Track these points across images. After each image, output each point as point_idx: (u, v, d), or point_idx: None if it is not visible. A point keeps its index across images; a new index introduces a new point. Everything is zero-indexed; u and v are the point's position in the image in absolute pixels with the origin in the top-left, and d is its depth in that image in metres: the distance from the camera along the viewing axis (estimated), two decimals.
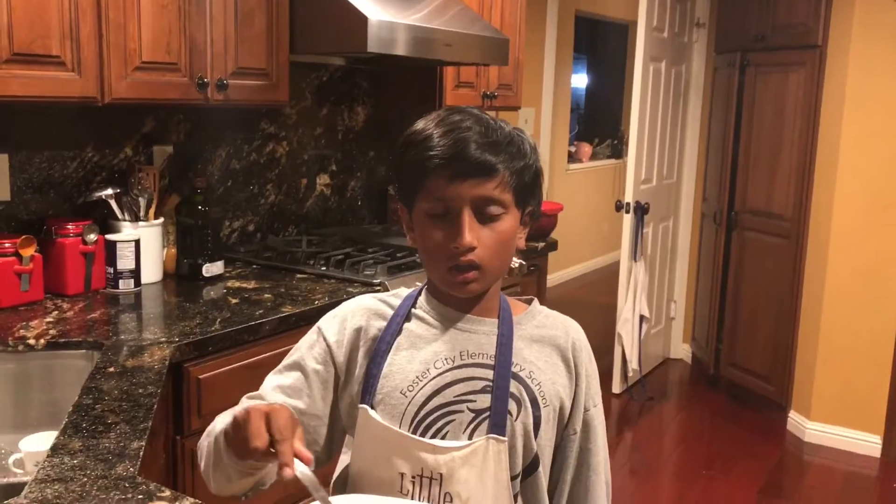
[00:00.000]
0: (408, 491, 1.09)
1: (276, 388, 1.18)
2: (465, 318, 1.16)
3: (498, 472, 1.08)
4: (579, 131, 8.00)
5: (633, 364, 4.32)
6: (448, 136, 1.07)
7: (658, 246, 4.66)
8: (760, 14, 4.11)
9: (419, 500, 1.08)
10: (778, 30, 4.00)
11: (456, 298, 1.16)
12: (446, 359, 1.13)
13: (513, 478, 1.11)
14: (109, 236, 2.27)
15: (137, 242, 2.29)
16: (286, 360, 1.22)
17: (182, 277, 2.44)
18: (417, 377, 1.12)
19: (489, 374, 1.12)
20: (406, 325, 1.17)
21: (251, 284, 2.40)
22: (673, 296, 4.98)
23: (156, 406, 1.46)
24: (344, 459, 1.24)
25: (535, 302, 1.24)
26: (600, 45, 8.36)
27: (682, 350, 5.03)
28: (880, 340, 3.62)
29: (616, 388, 4.33)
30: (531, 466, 1.13)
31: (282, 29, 2.47)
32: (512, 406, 1.10)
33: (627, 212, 4.22)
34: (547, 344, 1.18)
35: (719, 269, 4.48)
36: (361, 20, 2.33)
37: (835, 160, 3.66)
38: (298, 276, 2.51)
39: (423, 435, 1.10)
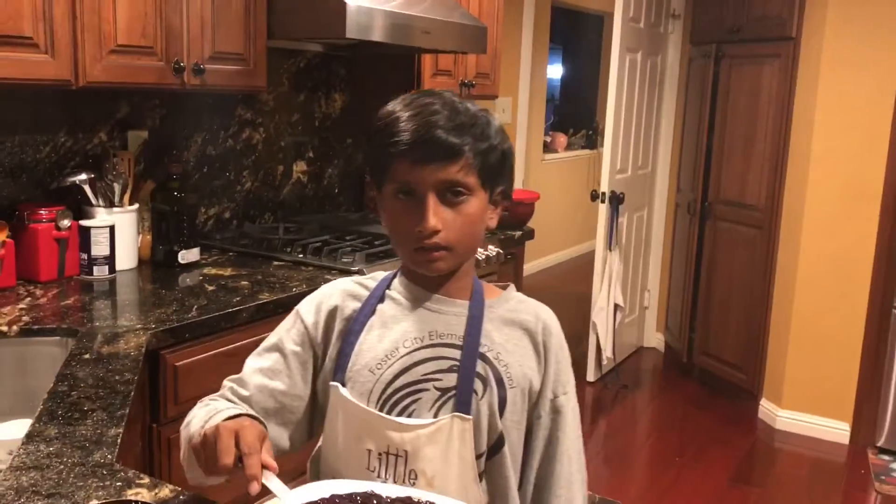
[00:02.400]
0: (374, 468, 1.11)
1: (255, 371, 1.20)
2: (435, 298, 1.18)
3: (462, 450, 1.09)
4: (554, 122, 8.01)
5: (607, 352, 4.35)
6: (413, 120, 1.08)
7: (632, 235, 4.69)
8: (736, 6, 4.14)
9: (385, 476, 1.10)
10: (753, 22, 4.03)
11: (427, 279, 1.18)
12: (415, 338, 1.15)
13: (478, 456, 1.12)
14: (83, 222, 2.24)
15: (112, 228, 2.26)
16: (265, 343, 1.24)
17: (157, 264, 2.41)
18: (386, 355, 1.14)
19: (457, 353, 1.13)
20: (379, 305, 1.19)
21: (228, 272, 2.38)
22: (647, 285, 5.02)
23: (133, 393, 1.45)
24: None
25: (511, 287, 1.25)
26: (576, 35, 8.37)
27: (655, 339, 5.08)
28: (850, 329, 3.67)
29: (590, 376, 4.36)
30: (496, 446, 1.14)
31: (259, 13, 2.45)
32: (478, 385, 1.12)
33: (603, 201, 4.24)
34: (517, 327, 1.19)
35: (693, 259, 4.52)
36: (340, 5, 2.31)
37: (807, 151, 3.71)
38: (275, 263, 2.49)
39: (389, 412, 1.12)
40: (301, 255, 2.53)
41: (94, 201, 2.31)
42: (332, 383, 1.14)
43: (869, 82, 3.52)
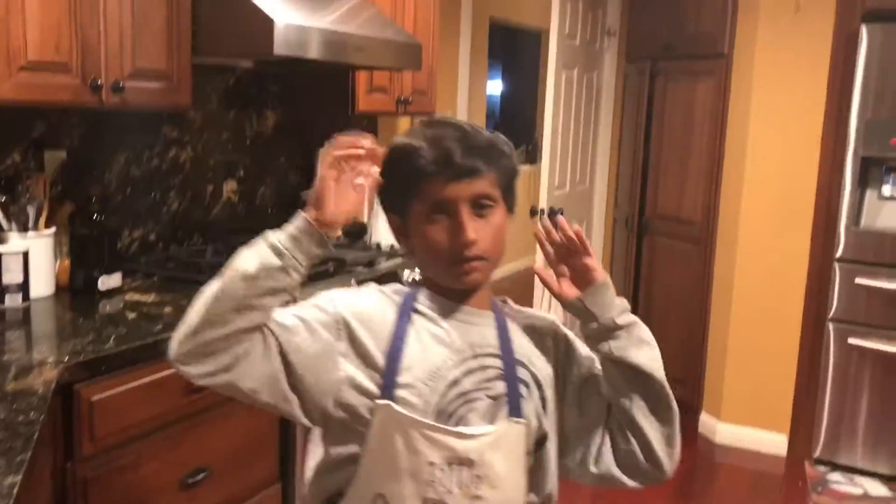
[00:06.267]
0: (437, 478, 1.16)
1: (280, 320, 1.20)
2: (465, 310, 1.25)
3: (518, 451, 1.20)
4: None
5: None
6: (436, 146, 1.18)
7: None
8: (669, 23, 4.18)
9: (450, 484, 1.16)
10: (686, 39, 4.08)
11: (454, 292, 1.24)
12: (458, 350, 1.21)
13: (526, 453, 1.22)
14: None
15: (26, 254, 2.14)
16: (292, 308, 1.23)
17: (76, 291, 2.29)
18: (436, 369, 1.19)
19: (498, 362, 1.22)
20: (415, 318, 1.23)
21: (151, 298, 2.27)
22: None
23: (37, 435, 1.35)
24: (315, 451, 1.28)
25: (508, 301, 1.34)
26: (515, 52, 8.41)
27: None
28: (786, 342, 3.72)
29: None
30: (540, 441, 1.25)
31: (183, 29, 2.35)
32: (523, 389, 1.22)
33: (542, 216, 4.22)
34: (535, 332, 1.29)
35: (631, 274, 4.54)
36: (268, 22, 2.24)
37: (741, 166, 3.75)
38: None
39: (446, 423, 1.18)
40: None
41: (6, 226, 2.18)
42: (382, 402, 1.16)
43: (799, 98, 3.58)
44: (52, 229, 2.27)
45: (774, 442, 3.78)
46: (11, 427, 1.37)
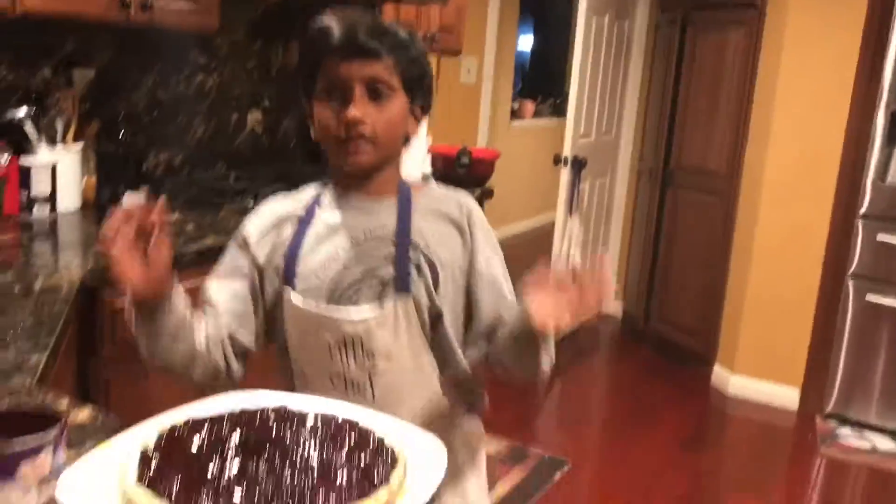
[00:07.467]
0: (335, 355, 1.24)
1: (213, 281, 1.33)
2: (363, 199, 1.28)
3: (409, 327, 1.23)
4: (523, 90, 7.96)
5: None
6: (342, 22, 1.19)
7: (594, 202, 4.68)
8: None
9: (347, 360, 1.23)
10: None
11: (354, 182, 1.27)
12: (352, 238, 1.26)
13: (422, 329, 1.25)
14: (23, 159, 2.16)
15: (54, 167, 2.19)
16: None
17: (101, 207, 2.34)
18: (328, 258, 1.26)
19: (390, 246, 1.25)
20: (317, 212, 1.29)
21: (174, 215, 2.31)
22: (607, 251, 5.02)
23: (61, 324, 1.40)
24: None
25: (431, 180, 1.39)
26: (549, 6, 8.30)
27: (613, 305, 5.09)
28: (804, 297, 3.71)
29: None
30: (437, 318, 1.26)
31: None
32: (413, 271, 1.24)
33: (566, 165, 4.22)
34: (443, 219, 1.30)
35: (653, 226, 4.53)
36: None
37: (768, 120, 3.71)
38: (225, 210, 2.43)
39: (337, 306, 1.23)
40: (252, 204, 2.48)
41: (35, 139, 2.22)
42: (284, 287, 1.25)
43: (830, 54, 3.52)
44: (80, 144, 2.31)
45: (786, 396, 3.80)
46: (38, 317, 1.42)
